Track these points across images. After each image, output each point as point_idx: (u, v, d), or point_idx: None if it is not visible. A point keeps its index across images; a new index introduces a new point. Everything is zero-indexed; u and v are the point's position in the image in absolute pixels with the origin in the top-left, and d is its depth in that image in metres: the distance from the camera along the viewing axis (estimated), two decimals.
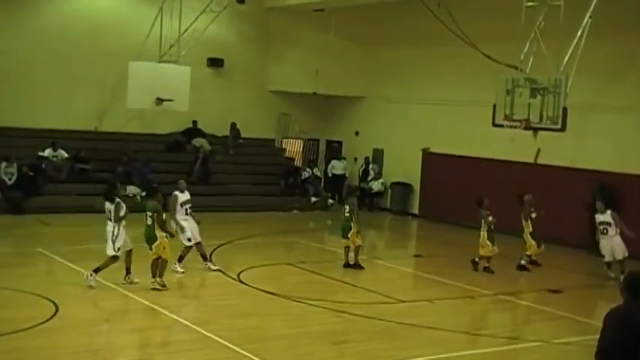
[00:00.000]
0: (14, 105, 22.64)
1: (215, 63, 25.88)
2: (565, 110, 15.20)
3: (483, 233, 16.09)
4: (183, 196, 14.63)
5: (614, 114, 19.51)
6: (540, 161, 21.23)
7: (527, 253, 16.85)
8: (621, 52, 19.37)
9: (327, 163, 28.11)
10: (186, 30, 21.22)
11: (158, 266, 13.17)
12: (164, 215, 13.35)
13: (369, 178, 26.36)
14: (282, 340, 10.78)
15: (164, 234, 13.17)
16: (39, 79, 23.05)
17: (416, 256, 19.36)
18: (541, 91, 15.58)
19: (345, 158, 27.70)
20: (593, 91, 19.29)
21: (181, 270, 14.40)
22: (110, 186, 13.48)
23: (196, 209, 15.02)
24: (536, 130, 17.53)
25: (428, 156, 24.88)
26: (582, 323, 13.04)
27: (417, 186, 25.33)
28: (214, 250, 16.83)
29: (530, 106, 15.73)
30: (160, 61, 21.01)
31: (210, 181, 24.45)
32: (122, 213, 13.07)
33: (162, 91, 20.38)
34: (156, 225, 13.07)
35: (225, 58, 25.97)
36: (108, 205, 13.11)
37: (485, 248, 16.08)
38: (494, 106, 16.52)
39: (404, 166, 25.60)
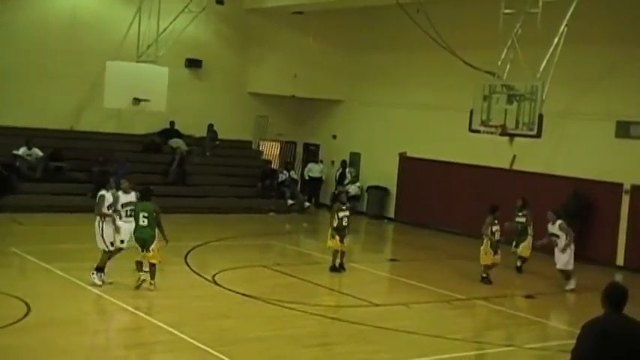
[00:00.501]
0: None
1: (193, 64, 25.77)
2: (541, 117, 15.32)
3: (486, 241, 15.70)
4: (125, 198, 13.59)
5: (589, 121, 19.68)
6: (516, 167, 21.38)
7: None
8: (597, 60, 19.55)
9: (304, 166, 28.10)
10: (164, 30, 21.11)
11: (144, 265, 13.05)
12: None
13: (346, 181, 26.36)
14: (257, 342, 10.74)
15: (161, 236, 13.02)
16: (15, 77, 22.74)
17: (392, 260, 19.40)
18: (517, 98, 15.68)
19: (322, 161, 27.70)
20: (569, 99, 19.48)
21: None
22: (98, 178, 13.33)
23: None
24: (512, 136, 17.67)
25: (405, 160, 24.96)
26: (555, 329, 13.17)
27: (393, 190, 25.39)
28: (190, 251, 16.76)
29: (506, 112, 15.83)
30: (137, 61, 20.89)
31: (186, 182, 24.35)
32: (103, 208, 12.99)
33: (139, 91, 20.24)
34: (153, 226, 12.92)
35: (203, 59, 25.87)
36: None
37: (487, 256, 15.69)
38: (471, 111, 16.61)
39: (381, 170, 25.65)
